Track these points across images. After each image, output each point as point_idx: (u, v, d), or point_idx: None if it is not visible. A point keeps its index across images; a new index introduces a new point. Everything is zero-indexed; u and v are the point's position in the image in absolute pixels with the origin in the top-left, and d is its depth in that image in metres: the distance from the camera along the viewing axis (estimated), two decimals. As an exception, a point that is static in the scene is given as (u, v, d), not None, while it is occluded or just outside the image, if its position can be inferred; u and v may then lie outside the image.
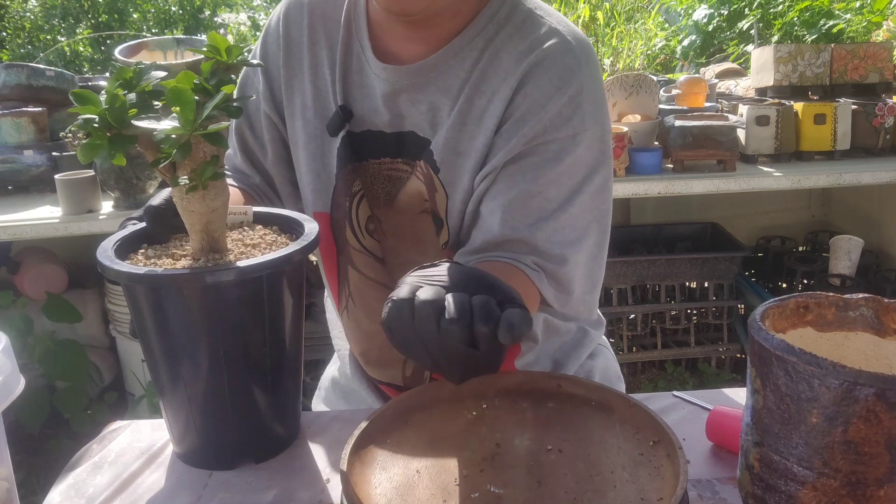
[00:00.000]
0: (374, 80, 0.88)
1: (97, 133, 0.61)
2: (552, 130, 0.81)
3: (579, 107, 0.81)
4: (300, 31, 0.92)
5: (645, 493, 0.62)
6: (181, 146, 0.62)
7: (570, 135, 0.81)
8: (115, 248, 0.73)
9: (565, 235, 0.83)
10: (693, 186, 2.26)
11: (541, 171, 0.82)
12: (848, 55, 2.64)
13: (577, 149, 0.82)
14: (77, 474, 0.80)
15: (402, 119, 0.88)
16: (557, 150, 0.82)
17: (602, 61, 4.64)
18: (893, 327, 0.64)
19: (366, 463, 0.67)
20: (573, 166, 0.82)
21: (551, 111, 0.81)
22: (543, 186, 0.82)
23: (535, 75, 0.81)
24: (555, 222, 0.82)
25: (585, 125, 0.82)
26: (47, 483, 0.78)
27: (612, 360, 1.10)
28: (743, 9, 5.32)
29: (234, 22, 10.54)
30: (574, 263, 0.84)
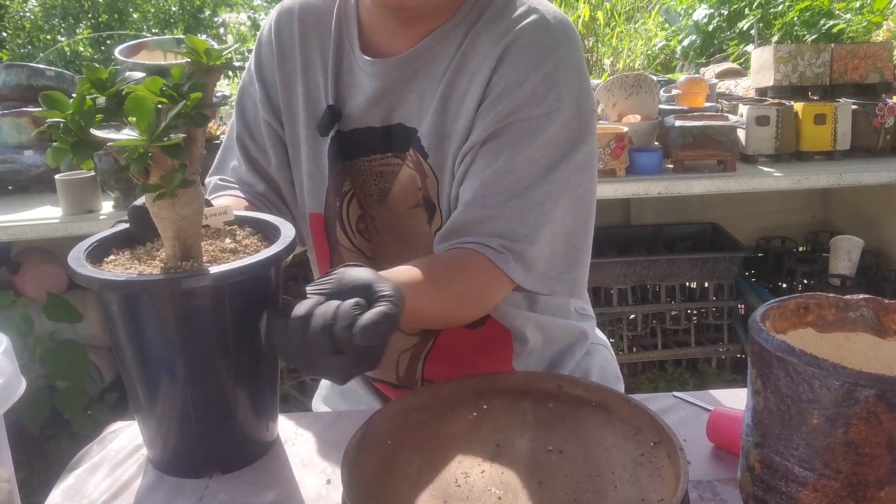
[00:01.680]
0: (364, 77, 0.89)
1: (61, 138, 0.60)
2: (526, 108, 0.81)
3: (555, 85, 0.81)
4: (291, 35, 0.94)
5: (645, 494, 0.62)
6: (136, 158, 0.60)
7: (545, 113, 0.81)
8: (89, 252, 0.73)
9: (539, 214, 0.81)
10: (693, 186, 2.26)
11: (514, 150, 0.81)
12: (848, 55, 2.63)
13: (552, 126, 0.81)
14: (78, 475, 0.80)
15: (391, 112, 0.88)
16: (531, 128, 0.81)
17: (602, 61, 4.64)
18: (894, 328, 0.64)
19: (366, 463, 0.67)
20: (548, 144, 0.81)
21: (526, 89, 0.81)
22: (517, 165, 0.81)
23: (512, 54, 0.82)
24: (527, 200, 0.81)
25: (561, 104, 0.81)
26: (48, 483, 0.78)
27: (610, 360, 1.10)
28: (743, 9, 5.32)
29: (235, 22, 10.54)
30: (545, 243, 0.82)
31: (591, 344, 1.07)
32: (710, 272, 2.70)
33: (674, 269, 2.68)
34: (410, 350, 0.97)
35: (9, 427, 0.73)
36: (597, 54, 4.68)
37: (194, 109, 0.63)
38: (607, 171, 2.25)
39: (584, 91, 0.84)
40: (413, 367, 0.98)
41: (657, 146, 2.42)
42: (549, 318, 0.99)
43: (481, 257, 0.81)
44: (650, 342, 2.81)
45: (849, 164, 2.38)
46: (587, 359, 1.05)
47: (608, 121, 2.52)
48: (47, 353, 2.30)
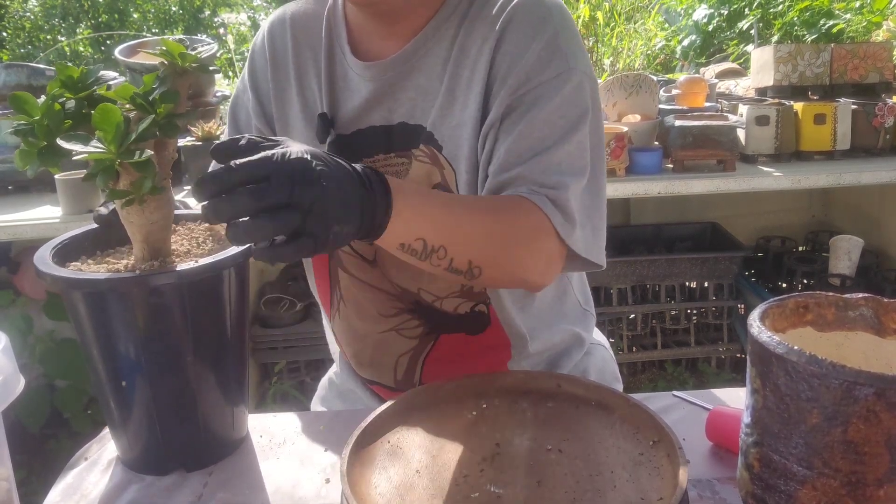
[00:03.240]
0: (359, 81, 0.89)
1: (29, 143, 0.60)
2: (535, 75, 0.81)
3: (558, 49, 0.81)
4: (284, 44, 0.94)
5: (645, 493, 0.62)
6: (103, 171, 0.60)
7: (555, 75, 0.81)
8: (55, 252, 0.73)
9: (562, 168, 0.80)
10: (693, 186, 2.26)
11: (532, 114, 0.81)
12: (848, 55, 2.63)
13: (565, 87, 0.81)
14: (77, 474, 0.80)
15: (391, 113, 0.88)
16: (545, 92, 0.81)
17: (602, 61, 4.64)
18: (893, 327, 0.64)
19: (365, 463, 0.67)
20: (564, 106, 0.81)
21: (531, 58, 0.81)
22: (536, 128, 0.81)
23: (510, 31, 0.82)
24: (550, 157, 0.80)
25: (569, 64, 0.81)
26: (47, 483, 0.78)
27: (609, 361, 1.09)
28: (743, 9, 5.32)
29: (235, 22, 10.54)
30: (574, 193, 0.80)
31: (588, 344, 1.06)
32: (709, 272, 2.70)
33: (674, 269, 2.68)
34: (409, 353, 0.97)
35: (8, 426, 0.73)
36: (597, 54, 4.68)
37: (165, 119, 0.62)
38: (607, 170, 2.25)
39: (587, 58, 0.85)
40: (412, 371, 0.98)
41: (657, 146, 2.42)
42: (548, 320, 0.99)
43: (519, 197, 0.78)
44: (650, 342, 2.81)
45: (849, 164, 2.38)
46: (586, 359, 1.04)
47: (608, 121, 2.52)
48: (47, 353, 2.30)
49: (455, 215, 0.73)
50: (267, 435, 0.86)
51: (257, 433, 0.87)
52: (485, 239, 0.75)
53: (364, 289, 0.96)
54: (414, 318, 0.95)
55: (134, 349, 0.70)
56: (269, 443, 0.85)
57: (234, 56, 5.68)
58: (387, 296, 0.95)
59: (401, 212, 0.66)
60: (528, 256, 0.78)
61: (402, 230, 0.67)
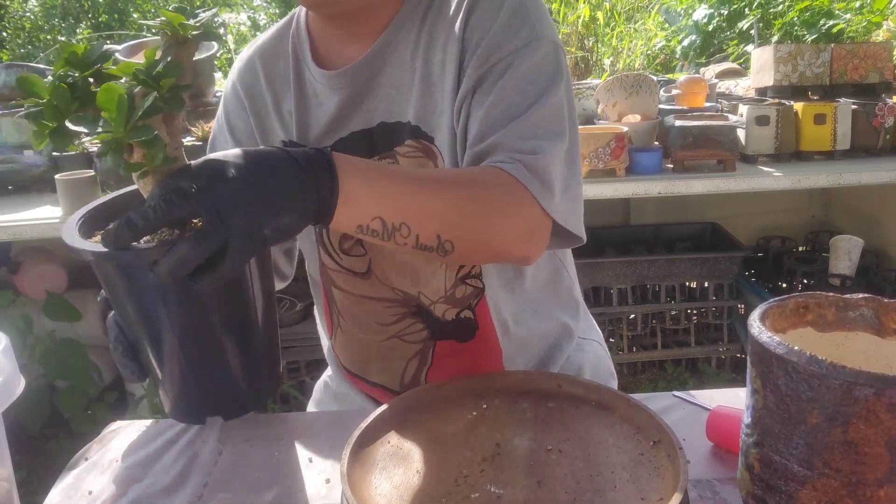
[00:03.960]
0: (326, 91, 0.88)
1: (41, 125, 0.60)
2: (505, 44, 0.79)
3: (527, 17, 0.80)
4: (256, 77, 0.94)
5: (645, 494, 0.62)
6: (112, 151, 0.60)
7: (524, 44, 0.79)
8: (81, 224, 0.73)
9: (539, 133, 0.77)
10: (693, 186, 2.26)
11: (502, 82, 0.79)
12: (848, 55, 2.63)
13: (535, 55, 0.79)
14: (77, 474, 0.80)
15: (369, 115, 0.87)
16: (515, 61, 0.79)
17: (602, 61, 4.64)
18: (893, 327, 0.64)
19: (365, 463, 0.67)
20: (534, 73, 0.79)
21: (498, 29, 0.80)
22: (508, 95, 0.79)
23: (476, 9, 0.81)
24: (525, 122, 0.77)
25: (537, 33, 0.80)
26: (47, 483, 0.78)
27: (603, 357, 1.07)
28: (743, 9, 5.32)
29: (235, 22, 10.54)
30: (553, 159, 0.77)
31: (580, 339, 1.04)
32: (709, 272, 2.70)
33: (674, 269, 2.68)
34: (416, 357, 0.97)
35: (8, 426, 0.73)
36: (597, 54, 4.68)
37: (170, 92, 0.62)
38: (607, 170, 2.25)
39: (552, 22, 0.84)
40: (418, 375, 0.98)
41: (657, 146, 2.43)
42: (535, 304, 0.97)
43: (492, 167, 0.76)
44: (650, 342, 2.81)
45: (849, 164, 2.38)
46: (579, 355, 1.03)
47: (608, 121, 2.52)
48: (47, 353, 2.30)
49: (414, 190, 0.70)
50: (267, 435, 0.86)
51: (257, 433, 0.87)
52: (452, 212, 0.71)
53: (360, 302, 0.96)
54: (417, 321, 0.95)
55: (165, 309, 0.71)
56: (269, 443, 0.85)
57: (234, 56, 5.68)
58: (385, 304, 0.95)
59: (351, 192, 0.64)
60: (503, 226, 0.74)
61: (355, 211, 0.65)
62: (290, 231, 0.61)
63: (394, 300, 0.94)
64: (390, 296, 0.94)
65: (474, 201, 0.72)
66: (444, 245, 0.71)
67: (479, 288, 0.92)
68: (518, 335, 0.96)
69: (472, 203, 0.72)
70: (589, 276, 2.62)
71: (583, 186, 0.84)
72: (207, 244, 0.57)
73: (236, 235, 0.57)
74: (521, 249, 0.77)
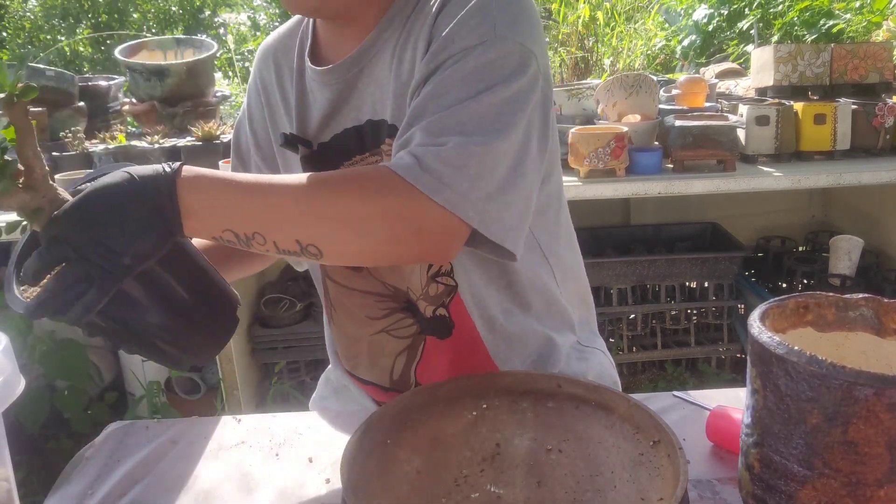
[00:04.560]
0: (318, 88, 0.90)
1: None
2: (459, 40, 0.75)
3: (488, 16, 0.76)
4: (269, 70, 0.97)
5: (645, 494, 0.62)
6: None
7: (479, 42, 0.75)
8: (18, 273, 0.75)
9: (465, 128, 0.72)
10: (693, 186, 2.26)
11: (445, 76, 0.75)
12: (848, 55, 2.63)
13: (488, 54, 0.74)
14: (77, 474, 0.80)
15: (359, 112, 0.88)
16: (464, 57, 0.75)
17: (602, 61, 4.64)
18: (893, 327, 0.64)
19: (365, 463, 0.67)
20: (482, 69, 0.74)
21: (459, 23, 0.76)
22: (446, 87, 0.74)
23: (446, 6, 0.79)
24: (453, 114, 0.72)
25: (497, 32, 0.75)
26: (47, 483, 0.78)
27: (607, 366, 1.04)
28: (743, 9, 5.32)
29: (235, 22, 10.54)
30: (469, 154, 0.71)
31: (583, 347, 1.02)
32: (710, 272, 2.70)
33: (674, 269, 2.68)
34: (404, 353, 0.97)
35: (8, 427, 0.73)
36: (597, 54, 4.68)
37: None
38: (607, 170, 2.25)
39: (526, 28, 0.77)
40: (407, 371, 0.98)
41: (657, 146, 2.42)
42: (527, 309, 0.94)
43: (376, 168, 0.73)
44: (650, 342, 2.81)
45: (849, 164, 2.38)
46: (582, 364, 0.99)
47: (608, 121, 2.52)
48: (47, 353, 2.30)
49: (264, 200, 0.69)
50: (267, 435, 0.86)
51: (258, 433, 0.87)
52: (308, 217, 0.70)
53: (351, 294, 0.97)
54: (406, 316, 0.95)
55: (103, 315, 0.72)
56: (269, 443, 0.85)
57: (234, 56, 5.69)
58: (375, 298, 0.95)
59: (194, 208, 0.66)
60: (372, 228, 0.70)
61: (202, 225, 0.68)
62: (151, 252, 0.66)
63: (384, 295, 0.94)
64: (381, 290, 0.94)
65: (335, 204, 0.70)
66: (309, 249, 0.71)
67: (451, 286, 0.91)
68: (508, 332, 0.93)
69: (331, 206, 0.70)
70: (589, 276, 2.60)
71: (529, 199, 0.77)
72: (67, 284, 0.64)
73: (96, 271, 0.64)
74: (411, 249, 0.74)
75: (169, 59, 2.96)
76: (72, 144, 2.46)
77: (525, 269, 0.92)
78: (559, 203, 0.96)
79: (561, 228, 0.97)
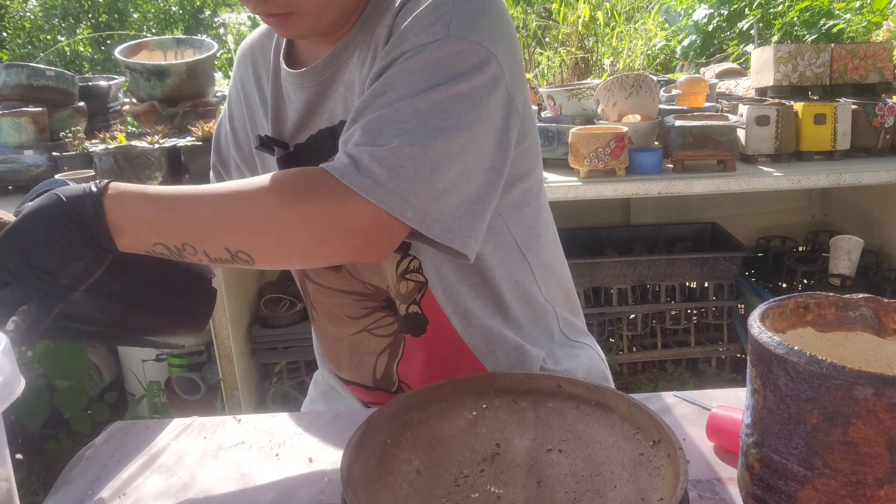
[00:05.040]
0: (293, 90, 0.90)
1: None
2: (412, 37, 0.74)
3: (444, 15, 0.74)
4: (247, 70, 0.98)
5: (645, 494, 0.62)
6: None
7: (431, 41, 0.73)
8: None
9: (399, 127, 0.71)
10: (693, 186, 2.26)
11: (392, 73, 0.74)
12: (848, 55, 2.63)
13: (439, 51, 0.72)
14: (77, 474, 0.80)
15: (332, 114, 0.88)
16: (415, 55, 0.73)
17: (602, 61, 4.64)
18: (893, 327, 0.64)
19: (366, 463, 0.67)
20: (430, 68, 0.72)
21: (413, 21, 0.75)
22: (392, 83, 0.73)
23: (406, 5, 0.78)
24: (391, 112, 0.71)
25: (450, 32, 0.73)
26: (47, 483, 0.78)
27: (598, 361, 1.02)
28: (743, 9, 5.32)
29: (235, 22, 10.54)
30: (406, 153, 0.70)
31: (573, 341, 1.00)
32: (709, 272, 2.70)
33: (674, 269, 2.68)
34: (386, 352, 0.97)
35: (8, 426, 0.73)
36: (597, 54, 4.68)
37: None
38: (607, 170, 2.25)
39: (486, 29, 0.75)
40: (390, 369, 0.98)
41: (657, 146, 2.43)
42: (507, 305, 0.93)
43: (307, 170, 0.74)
44: (650, 342, 2.81)
45: (849, 164, 2.38)
46: (572, 362, 0.98)
47: (608, 121, 2.52)
48: (47, 353, 2.30)
49: (189, 211, 0.71)
50: (267, 435, 0.86)
51: (258, 433, 0.87)
52: (236, 224, 0.71)
53: (330, 294, 0.97)
54: (387, 315, 0.95)
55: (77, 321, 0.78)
56: (269, 443, 0.85)
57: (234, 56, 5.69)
58: (355, 297, 0.95)
59: (121, 227, 0.69)
60: (301, 230, 0.71)
61: (132, 241, 0.70)
62: (89, 272, 0.69)
63: (364, 294, 0.94)
64: (361, 289, 0.94)
65: (252, 211, 0.71)
66: (239, 256, 0.72)
67: (421, 282, 0.90)
68: (487, 327, 0.92)
69: (249, 213, 0.71)
70: (589, 276, 2.62)
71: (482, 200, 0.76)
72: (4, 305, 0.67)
73: (36, 293, 0.68)
74: (339, 249, 0.73)
75: (169, 59, 2.96)
76: (72, 144, 2.46)
77: (499, 266, 0.91)
78: (538, 200, 0.94)
79: (540, 225, 0.95)
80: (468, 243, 0.75)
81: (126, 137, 2.30)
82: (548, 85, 4.22)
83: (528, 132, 0.88)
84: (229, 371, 2.27)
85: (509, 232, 0.90)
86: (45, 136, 2.54)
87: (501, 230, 0.90)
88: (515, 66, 0.80)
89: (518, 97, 0.80)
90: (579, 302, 1.06)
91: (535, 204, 0.94)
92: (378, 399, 1.01)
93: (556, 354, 0.97)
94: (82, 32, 9.72)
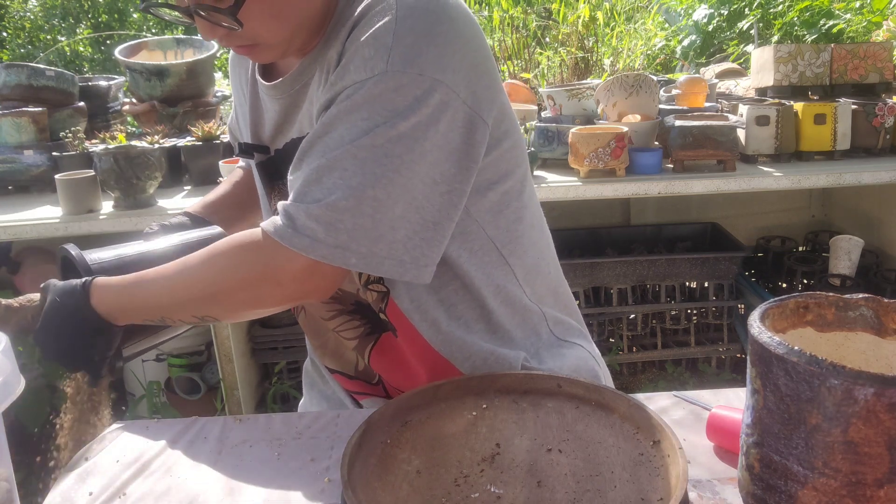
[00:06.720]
0: (269, 101, 0.91)
1: None
2: (353, 71, 0.73)
3: (382, 47, 0.72)
4: (236, 76, 1.02)
5: (645, 494, 0.62)
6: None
7: (370, 76, 0.72)
8: None
9: (338, 178, 0.72)
10: (693, 186, 2.26)
11: (333, 113, 0.74)
12: (848, 55, 2.63)
13: (377, 88, 0.71)
14: (77, 475, 0.80)
15: (301, 125, 0.88)
16: (354, 91, 0.73)
17: (602, 61, 4.63)
18: (893, 327, 0.64)
19: (366, 463, 0.67)
20: (370, 106, 0.72)
21: (354, 52, 0.74)
22: (330, 128, 0.74)
23: (357, 25, 0.76)
24: (328, 161, 0.72)
25: (389, 66, 0.71)
26: (47, 483, 0.78)
27: (587, 359, 0.97)
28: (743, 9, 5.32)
29: (235, 22, 10.52)
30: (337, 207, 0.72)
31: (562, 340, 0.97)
32: (709, 272, 2.70)
33: (674, 269, 2.68)
34: (356, 351, 0.98)
35: (8, 427, 0.73)
36: (597, 54, 4.68)
37: None
38: (607, 170, 2.25)
39: (430, 56, 0.73)
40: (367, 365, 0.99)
41: (657, 146, 2.43)
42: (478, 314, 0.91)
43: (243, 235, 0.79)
44: (650, 342, 2.81)
45: (849, 164, 2.38)
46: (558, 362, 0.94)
47: (608, 121, 2.53)
48: (47, 353, 2.30)
49: (150, 294, 0.82)
50: (267, 435, 0.86)
51: (258, 433, 0.87)
52: (196, 294, 0.80)
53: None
54: (354, 318, 0.95)
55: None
56: (269, 443, 0.85)
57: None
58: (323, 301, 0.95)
59: (110, 314, 0.83)
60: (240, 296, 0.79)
61: (125, 320, 0.84)
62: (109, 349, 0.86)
63: (332, 297, 0.95)
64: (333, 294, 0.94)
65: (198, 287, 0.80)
66: (206, 319, 0.83)
67: (383, 292, 0.89)
68: (456, 336, 0.89)
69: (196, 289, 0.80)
70: (589, 276, 2.61)
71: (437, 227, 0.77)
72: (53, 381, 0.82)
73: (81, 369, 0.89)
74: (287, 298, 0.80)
75: (169, 59, 2.96)
76: (72, 144, 2.46)
77: (477, 270, 0.89)
78: (520, 201, 0.92)
79: (523, 226, 0.92)
80: (422, 272, 0.77)
81: (126, 137, 2.30)
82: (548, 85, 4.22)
83: (506, 136, 0.85)
84: (229, 371, 2.27)
85: (486, 236, 0.88)
86: (45, 136, 2.54)
87: (478, 235, 0.88)
88: (478, 78, 0.78)
89: (484, 108, 0.79)
90: (574, 300, 1.04)
91: (515, 205, 0.91)
92: (359, 388, 1.03)
93: (542, 355, 0.94)
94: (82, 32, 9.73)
